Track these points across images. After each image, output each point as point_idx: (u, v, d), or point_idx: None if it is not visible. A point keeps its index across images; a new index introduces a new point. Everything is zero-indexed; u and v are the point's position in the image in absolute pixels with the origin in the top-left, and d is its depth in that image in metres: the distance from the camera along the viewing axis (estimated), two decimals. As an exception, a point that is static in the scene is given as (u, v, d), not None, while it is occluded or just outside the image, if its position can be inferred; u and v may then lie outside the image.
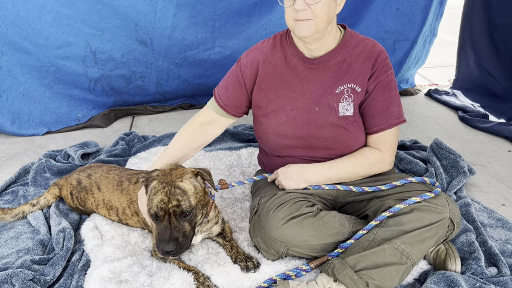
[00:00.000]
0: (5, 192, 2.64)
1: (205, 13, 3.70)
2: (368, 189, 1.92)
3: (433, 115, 3.93)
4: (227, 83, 2.06)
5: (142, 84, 3.95)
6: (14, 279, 1.80)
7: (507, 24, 3.90)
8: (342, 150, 1.95)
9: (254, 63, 1.99)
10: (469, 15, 4.35)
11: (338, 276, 1.63)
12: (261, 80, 1.97)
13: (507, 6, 3.87)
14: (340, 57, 1.89)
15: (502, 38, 3.96)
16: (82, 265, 1.94)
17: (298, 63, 1.92)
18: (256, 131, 2.11)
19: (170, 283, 1.75)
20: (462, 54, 4.49)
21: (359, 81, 1.87)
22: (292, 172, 1.95)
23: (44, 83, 3.63)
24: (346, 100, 1.89)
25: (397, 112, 1.92)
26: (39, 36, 3.42)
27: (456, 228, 1.79)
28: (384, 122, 1.90)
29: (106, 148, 3.22)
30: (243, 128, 3.48)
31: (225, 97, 2.05)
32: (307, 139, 1.95)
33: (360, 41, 1.91)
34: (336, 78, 1.89)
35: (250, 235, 1.98)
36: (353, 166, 1.93)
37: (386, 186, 1.91)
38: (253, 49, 2.04)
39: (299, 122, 1.93)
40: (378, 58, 1.87)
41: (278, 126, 1.96)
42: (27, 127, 3.66)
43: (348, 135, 1.92)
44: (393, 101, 1.90)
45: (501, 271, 1.83)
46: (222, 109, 2.06)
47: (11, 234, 2.22)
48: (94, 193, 2.21)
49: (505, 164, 2.91)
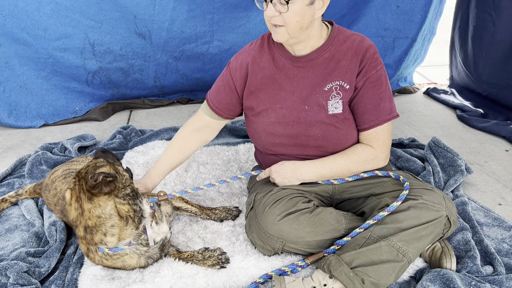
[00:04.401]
0: (1, 184, 2.63)
1: (204, 7, 3.68)
2: (335, 181, 1.96)
3: (431, 113, 3.93)
4: (218, 87, 2.07)
5: (140, 77, 3.93)
6: (9, 271, 1.79)
7: (481, 25, 3.89)
8: (334, 147, 1.95)
9: (243, 66, 1.98)
10: (456, 14, 4.34)
11: (334, 272, 1.64)
12: (250, 82, 1.97)
13: (481, 6, 3.87)
14: (328, 54, 1.87)
15: (479, 39, 3.96)
16: (77, 258, 1.93)
17: (286, 62, 1.91)
18: (248, 130, 2.11)
19: (160, 276, 1.75)
20: (453, 53, 4.49)
21: (347, 78, 1.85)
22: (285, 170, 1.95)
23: (41, 75, 3.60)
24: (334, 97, 1.87)
25: (388, 108, 1.88)
26: (37, 28, 3.39)
27: (453, 226, 1.79)
28: (375, 118, 1.87)
29: (103, 142, 3.21)
30: (241, 124, 3.47)
31: (217, 101, 2.07)
32: (297, 137, 1.94)
33: (347, 37, 1.88)
34: (324, 75, 1.87)
35: (246, 231, 1.98)
36: (346, 163, 1.92)
37: (352, 178, 1.95)
38: (241, 52, 2.04)
39: (289, 120, 1.92)
40: (366, 54, 1.84)
41: (269, 125, 1.96)
42: (24, 119, 3.64)
43: (338, 132, 1.91)
44: (383, 96, 1.87)
45: (496, 270, 1.83)
46: (215, 113, 2.08)
47: (6, 227, 2.21)
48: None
49: (502, 163, 2.92)
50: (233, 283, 1.78)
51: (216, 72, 3.97)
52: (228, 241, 2.02)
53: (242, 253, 1.91)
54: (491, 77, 3.83)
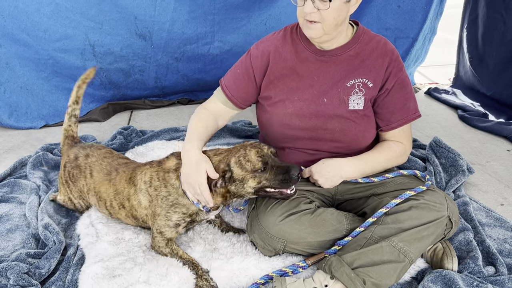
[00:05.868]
0: (2, 184, 2.62)
1: (205, 7, 3.68)
2: (361, 180, 1.95)
3: (432, 113, 3.92)
4: (236, 74, 2.03)
5: (140, 78, 3.93)
6: (9, 272, 1.79)
7: (490, 24, 3.88)
8: (349, 143, 1.95)
9: (264, 54, 1.97)
10: (464, 13, 4.33)
11: (335, 273, 1.63)
12: (271, 71, 1.96)
13: (491, 5, 3.85)
14: (352, 51, 1.89)
15: (488, 39, 3.94)
16: (77, 259, 1.93)
17: (310, 55, 1.92)
18: (260, 120, 2.10)
19: (167, 280, 1.75)
20: (460, 52, 4.48)
21: (371, 77, 1.88)
22: (327, 169, 1.91)
23: (42, 76, 3.60)
24: (357, 94, 1.89)
25: (414, 107, 1.96)
26: (37, 29, 3.39)
27: (454, 227, 1.79)
28: (403, 117, 1.93)
29: (104, 142, 3.20)
30: (241, 124, 3.47)
31: (233, 89, 2.03)
32: (314, 130, 1.94)
33: (372, 37, 1.92)
34: (347, 71, 1.89)
35: (247, 231, 1.97)
36: (384, 160, 1.95)
37: (379, 178, 1.94)
38: (263, 40, 2.02)
39: (307, 113, 1.92)
40: (392, 56, 1.89)
41: (285, 116, 1.95)
42: (24, 120, 3.64)
43: (357, 128, 1.92)
44: (410, 96, 1.94)
45: (498, 271, 1.83)
46: (230, 101, 2.05)
47: (8, 227, 2.21)
48: (86, 178, 2.17)
49: (504, 163, 2.91)
50: (233, 284, 1.78)
51: (217, 72, 3.96)
52: (228, 242, 2.01)
53: (242, 254, 1.91)
54: (501, 75, 3.81)
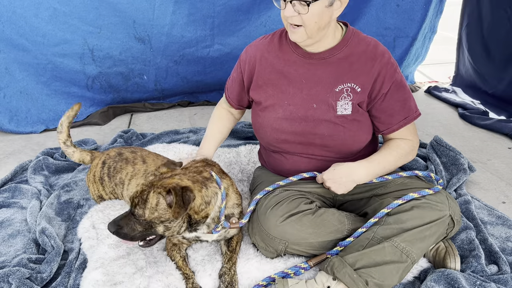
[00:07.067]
0: (3, 189, 2.62)
1: (204, 10, 3.68)
2: (376, 180, 1.93)
3: (433, 112, 3.91)
4: (232, 78, 2.15)
5: (140, 81, 3.93)
6: (11, 277, 1.79)
7: (494, 22, 3.86)
8: (339, 148, 1.94)
9: (251, 60, 1.99)
10: (463, 11, 4.33)
11: (337, 274, 1.62)
12: (258, 76, 1.97)
13: (496, 2, 3.84)
14: (341, 54, 1.86)
15: (493, 36, 3.93)
16: (79, 263, 1.92)
17: (297, 58, 1.91)
18: (253, 124, 2.11)
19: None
20: (460, 50, 4.47)
21: (360, 81, 1.85)
22: (339, 175, 1.89)
23: (41, 80, 3.60)
24: (345, 99, 1.86)
25: (414, 106, 1.94)
26: (36, 34, 3.39)
27: (456, 226, 1.78)
28: (404, 118, 1.91)
29: (104, 146, 3.20)
30: (242, 126, 3.46)
31: (230, 91, 2.17)
32: (303, 135, 1.93)
33: (361, 39, 1.89)
34: (336, 76, 1.87)
35: (249, 233, 1.96)
36: (395, 159, 1.94)
37: (378, 180, 1.93)
38: (252, 45, 2.04)
39: (296, 117, 1.91)
40: (383, 59, 1.85)
41: (276, 120, 1.95)
42: (24, 124, 3.64)
43: (346, 133, 1.90)
44: (408, 96, 1.91)
45: (501, 269, 1.82)
46: (228, 102, 2.20)
47: (9, 232, 2.21)
48: (137, 164, 2.22)
49: (505, 161, 2.90)
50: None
51: (217, 74, 3.96)
52: (230, 244, 2.01)
53: (244, 256, 1.91)
54: (506, 72, 3.80)
